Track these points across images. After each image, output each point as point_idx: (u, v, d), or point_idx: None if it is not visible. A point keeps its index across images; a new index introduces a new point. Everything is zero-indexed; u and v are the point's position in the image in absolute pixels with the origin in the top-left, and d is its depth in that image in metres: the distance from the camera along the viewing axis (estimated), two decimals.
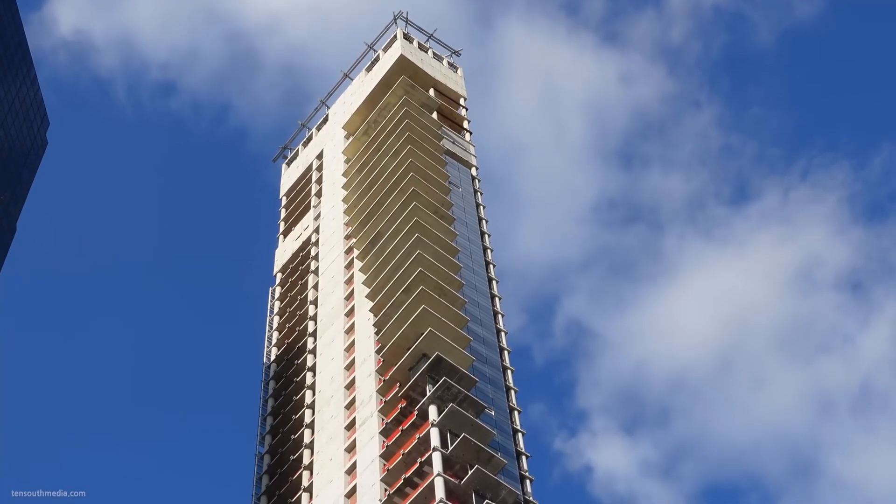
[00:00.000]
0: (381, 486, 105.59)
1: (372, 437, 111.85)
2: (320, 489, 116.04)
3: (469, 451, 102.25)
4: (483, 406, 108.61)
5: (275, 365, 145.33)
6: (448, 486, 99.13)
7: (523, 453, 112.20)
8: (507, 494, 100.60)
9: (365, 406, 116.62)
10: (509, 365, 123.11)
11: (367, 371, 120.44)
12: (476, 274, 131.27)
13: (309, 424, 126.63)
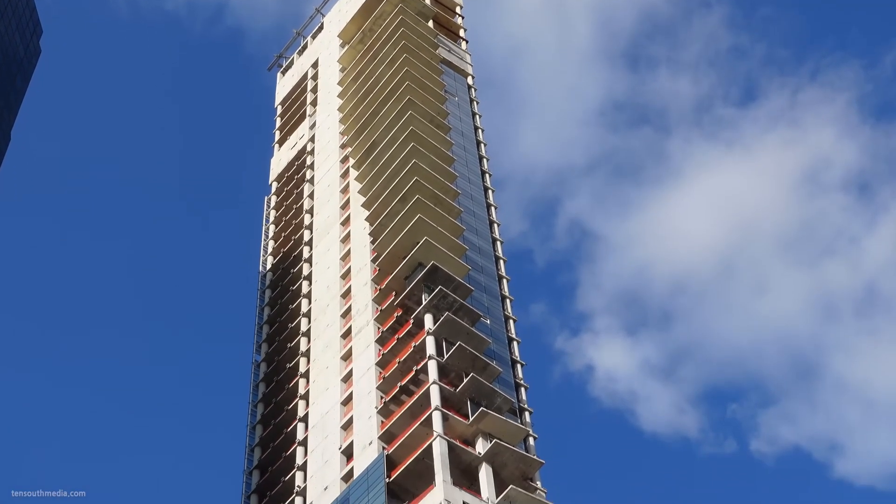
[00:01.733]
0: (376, 394, 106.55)
1: (368, 346, 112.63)
2: (316, 396, 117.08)
3: (464, 359, 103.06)
4: (478, 315, 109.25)
5: (271, 274, 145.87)
6: (443, 394, 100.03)
7: (518, 361, 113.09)
8: (503, 402, 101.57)
9: (361, 315, 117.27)
10: (505, 274, 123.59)
11: (362, 280, 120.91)
12: (472, 183, 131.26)
13: (305, 332, 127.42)
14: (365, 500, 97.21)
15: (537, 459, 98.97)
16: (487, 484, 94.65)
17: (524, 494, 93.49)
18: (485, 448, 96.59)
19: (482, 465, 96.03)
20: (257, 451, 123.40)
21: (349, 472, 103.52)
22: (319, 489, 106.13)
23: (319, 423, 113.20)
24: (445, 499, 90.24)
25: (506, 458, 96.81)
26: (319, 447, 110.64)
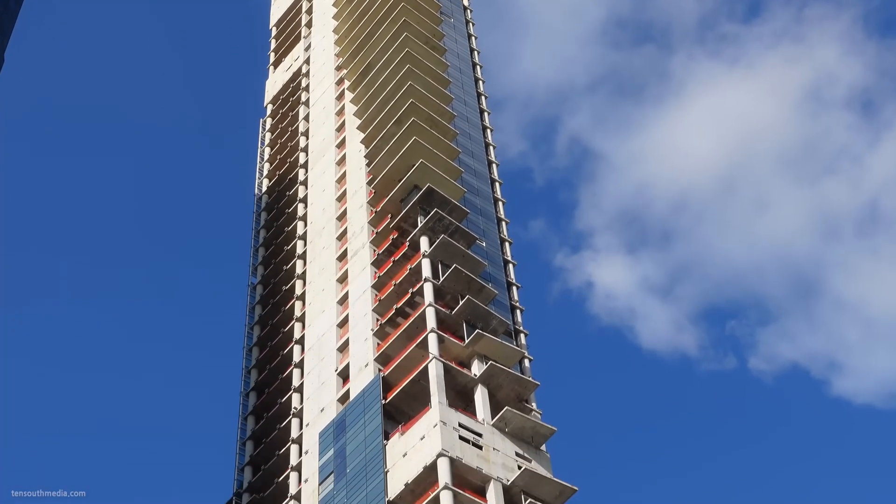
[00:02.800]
0: (372, 316, 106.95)
1: (364, 268, 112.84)
2: (312, 319, 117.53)
3: (460, 281, 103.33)
4: (474, 237, 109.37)
5: (266, 196, 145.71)
6: (439, 317, 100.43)
7: (514, 284, 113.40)
8: (498, 324, 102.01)
9: (356, 237, 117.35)
10: (501, 196, 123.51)
11: (358, 202, 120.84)
12: (468, 105, 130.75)
13: (301, 255, 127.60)
14: (361, 422, 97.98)
15: (532, 381, 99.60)
16: (483, 405, 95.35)
17: (519, 416, 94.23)
18: (480, 370, 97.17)
19: (477, 387, 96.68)
20: (254, 373, 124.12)
21: (345, 393, 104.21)
22: (316, 410, 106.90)
23: (316, 346, 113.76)
24: (441, 420, 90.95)
25: (501, 379, 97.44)
26: (316, 369, 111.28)
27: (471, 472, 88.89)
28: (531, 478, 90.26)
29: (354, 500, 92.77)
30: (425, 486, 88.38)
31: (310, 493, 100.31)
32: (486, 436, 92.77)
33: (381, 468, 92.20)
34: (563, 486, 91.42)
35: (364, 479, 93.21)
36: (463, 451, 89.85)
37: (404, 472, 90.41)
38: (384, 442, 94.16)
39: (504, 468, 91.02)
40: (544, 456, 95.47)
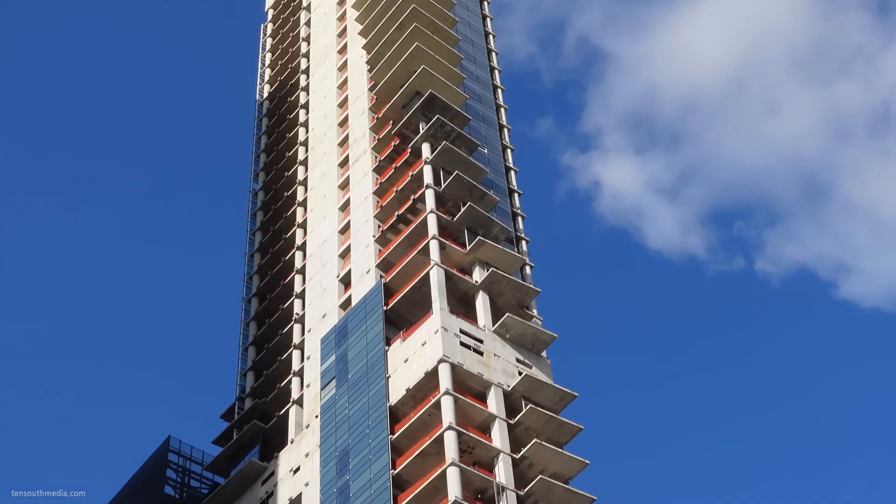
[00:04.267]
0: (374, 223, 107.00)
1: (365, 175, 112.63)
2: (314, 225, 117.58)
3: (461, 188, 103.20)
4: (476, 144, 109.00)
5: (267, 102, 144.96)
6: (441, 223, 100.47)
7: (516, 191, 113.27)
8: (500, 231, 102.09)
9: (358, 143, 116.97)
10: (503, 103, 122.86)
11: (360, 109, 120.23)
12: (470, 11, 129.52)
13: (302, 161, 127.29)
14: (363, 328, 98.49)
15: (533, 288, 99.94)
16: (484, 312, 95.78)
17: (520, 322, 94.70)
18: (481, 276, 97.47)
19: (479, 294, 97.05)
20: (255, 279, 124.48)
21: (347, 300, 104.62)
22: (318, 317, 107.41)
23: (317, 252, 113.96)
24: (442, 326, 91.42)
25: (502, 286, 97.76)
26: (317, 275, 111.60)
27: (471, 377, 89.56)
28: (531, 384, 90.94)
29: (356, 406, 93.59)
30: (426, 392, 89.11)
31: (311, 398, 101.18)
32: (486, 342, 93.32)
33: (383, 374, 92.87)
34: (563, 391, 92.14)
35: (365, 384, 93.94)
36: (464, 356, 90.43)
37: (405, 378, 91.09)
38: (385, 348, 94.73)
39: (505, 374, 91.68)
40: (545, 362, 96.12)
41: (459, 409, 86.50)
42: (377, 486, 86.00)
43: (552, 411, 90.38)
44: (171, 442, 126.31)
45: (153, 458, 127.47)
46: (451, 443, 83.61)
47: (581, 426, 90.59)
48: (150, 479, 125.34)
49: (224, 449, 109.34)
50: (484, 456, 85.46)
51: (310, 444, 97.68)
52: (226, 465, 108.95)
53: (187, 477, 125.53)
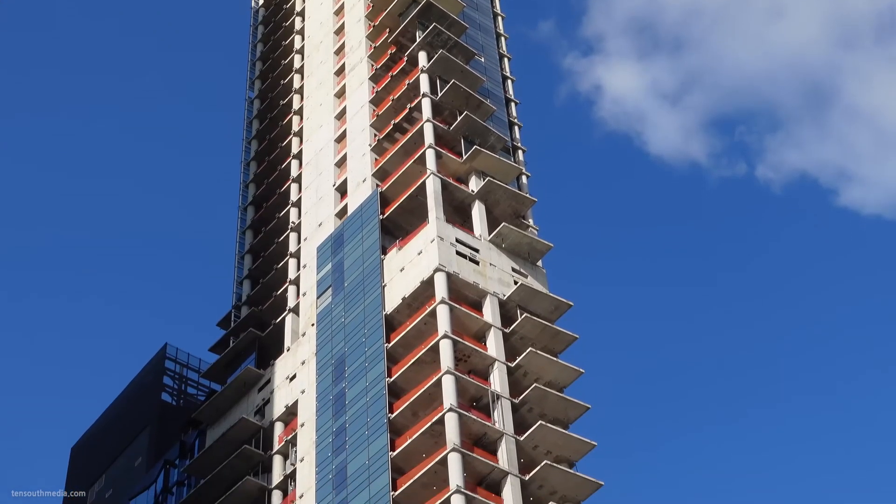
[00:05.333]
0: (370, 132, 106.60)
1: (361, 83, 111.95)
2: (310, 134, 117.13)
3: (458, 97, 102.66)
4: (473, 52, 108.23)
5: (263, 10, 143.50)
6: (437, 132, 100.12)
7: (513, 100, 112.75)
8: (496, 140, 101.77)
9: (354, 52, 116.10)
10: (500, 11, 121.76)
11: (356, 16, 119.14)
12: None
13: (298, 69, 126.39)
14: (359, 237, 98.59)
15: (529, 197, 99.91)
16: (480, 221, 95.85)
17: (516, 231, 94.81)
18: (478, 186, 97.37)
19: (475, 203, 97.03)
20: (252, 188, 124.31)
21: (343, 208, 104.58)
22: (314, 225, 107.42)
23: (313, 160, 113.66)
24: (438, 235, 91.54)
25: (498, 195, 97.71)
26: (314, 184, 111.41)
27: (467, 286, 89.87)
28: (527, 293, 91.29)
29: (352, 314, 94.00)
30: (422, 301, 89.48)
31: (308, 306, 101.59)
32: (482, 251, 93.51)
33: (379, 282, 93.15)
34: (558, 301, 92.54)
35: (362, 293, 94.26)
36: (460, 266, 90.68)
37: (401, 287, 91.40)
38: (381, 257, 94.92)
39: (500, 283, 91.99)
40: (540, 271, 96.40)
41: (455, 318, 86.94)
42: (373, 393, 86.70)
43: (547, 320, 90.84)
44: (168, 349, 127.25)
45: (150, 366, 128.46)
46: (446, 351, 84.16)
47: (576, 335, 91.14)
48: (147, 387, 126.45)
49: (221, 356, 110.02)
50: (479, 364, 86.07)
51: (306, 352, 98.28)
52: (222, 372, 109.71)
53: (184, 384, 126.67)
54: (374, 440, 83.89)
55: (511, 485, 79.45)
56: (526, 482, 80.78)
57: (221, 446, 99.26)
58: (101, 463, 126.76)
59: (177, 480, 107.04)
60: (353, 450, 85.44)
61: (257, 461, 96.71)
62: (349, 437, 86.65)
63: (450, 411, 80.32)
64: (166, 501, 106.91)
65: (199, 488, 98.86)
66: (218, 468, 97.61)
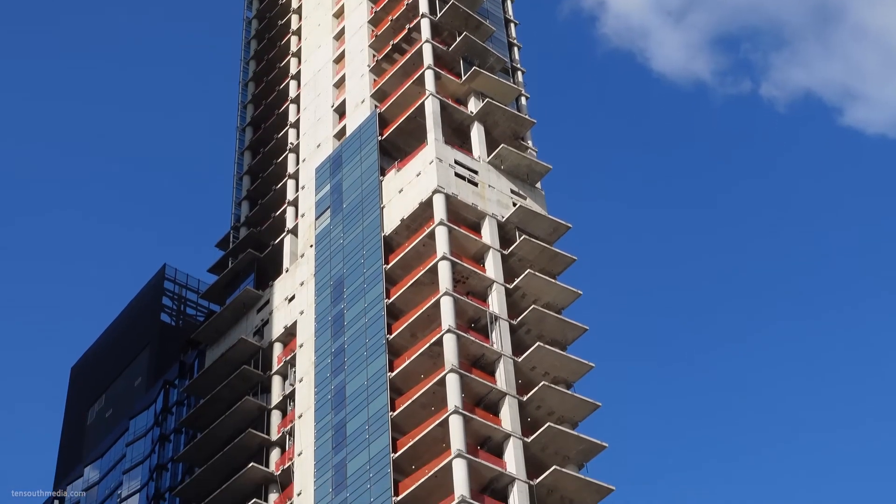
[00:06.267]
0: (369, 52, 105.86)
1: (360, 3, 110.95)
2: (308, 54, 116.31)
3: (457, 17, 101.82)
4: None
5: None
6: (436, 53, 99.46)
7: (512, 20, 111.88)
8: (496, 61, 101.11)
9: None
10: None
11: None
12: None
13: None
14: (357, 158, 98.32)
15: (528, 118, 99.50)
16: (479, 143, 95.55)
17: (515, 153, 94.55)
18: (476, 107, 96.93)
19: (474, 124, 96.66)
20: (250, 109, 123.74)
21: (342, 129, 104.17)
22: (312, 146, 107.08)
23: (312, 81, 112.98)
24: (437, 157, 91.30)
25: (497, 116, 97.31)
26: (312, 105, 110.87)
27: (466, 208, 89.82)
28: (525, 214, 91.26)
29: (350, 235, 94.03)
30: (421, 222, 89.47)
31: (306, 227, 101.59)
32: (481, 173, 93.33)
33: (377, 204, 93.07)
34: (557, 222, 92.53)
35: (360, 214, 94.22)
36: (458, 187, 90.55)
37: (400, 208, 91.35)
38: (380, 178, 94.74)
39: (499, 205, 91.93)
40: (539, 193, 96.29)
41: (454, 240, 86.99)
42: (371, 314, 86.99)
43: (546, 242, 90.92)
44: (167, 270, 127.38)
45: (149, 286, 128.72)
46: (445, 272, 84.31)
47: (574, 257, 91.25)
48: (146, 307, 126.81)
49: (219, 277, 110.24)
50: (478, 286, 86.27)
51: (304, 273, 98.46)
52: (221, 293, 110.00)
53: (183, 304, 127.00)
54: (373, 361, 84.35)
55: (509, 405, 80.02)
56: (524, 403, 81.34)
57: (221, 366, 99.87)
58: (100, 383, 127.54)
59: (176, 400, 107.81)
60: (352, 370, 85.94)
61: (256, 381, 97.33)
62: (348, 357, 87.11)
63: (448, 332, 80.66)
64: (166, 421, 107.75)
65: (199, 408, 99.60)
66: (217, 388, 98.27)
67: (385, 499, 76.90)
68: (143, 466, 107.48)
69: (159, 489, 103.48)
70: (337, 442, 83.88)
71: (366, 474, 79.48)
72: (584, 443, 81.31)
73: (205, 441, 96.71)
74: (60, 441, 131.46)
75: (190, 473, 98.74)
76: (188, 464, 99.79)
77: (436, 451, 77.45)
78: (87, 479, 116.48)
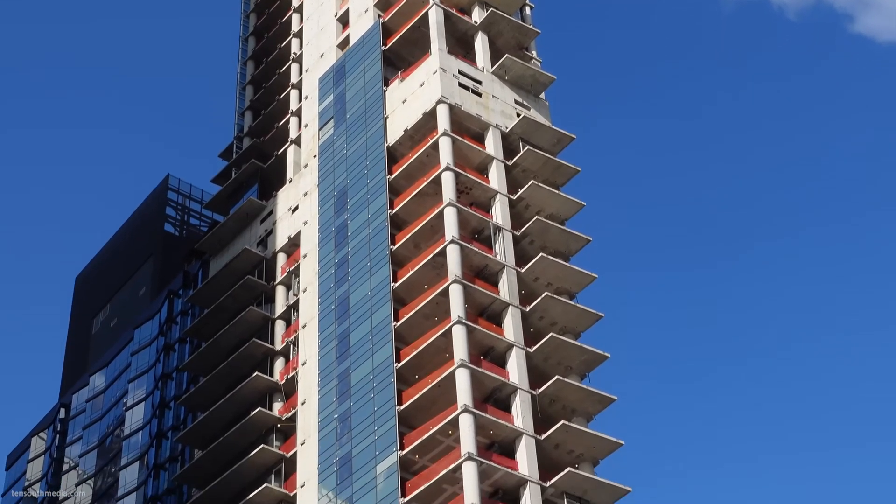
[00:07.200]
0: None
1: None
2: None
3: None
4: None
5: None
6: None
7: None
8: None
9: None
10: None
11: None
12: None
13: None
14: (361, 68, 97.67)
15: (533, 28, 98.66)
16: (483, 53, 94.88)
17: (519, 63, 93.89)
18: (481, 17, 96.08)
19: (478, 34, 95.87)
20: (253, 17, 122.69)
21: (345, 39, 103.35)
22: (315, 56, 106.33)
23: None
24: (441, 67, 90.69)
25: (501, 26, 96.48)
26: (315, 14, 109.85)
27: (469, 118, 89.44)
28: (529, 125, 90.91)
29: (354, 146, 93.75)
30: (424, 133, 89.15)
31: (310, 137, 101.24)
32: (485, 83, 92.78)
33: (381, 114, 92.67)
34: (561, 133, 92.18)
35: (363, 124, 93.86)
36: (462, 97, 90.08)
37: (403, 119, 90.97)
38: (384, 88, 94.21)
39: (503, 115, 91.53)
40: (543, 104, 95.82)
41: (457, 150, 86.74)
42: (375, 225, 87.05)
43: (550, 153, 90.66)
44: (171, 180, 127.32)
45: (153, 196, 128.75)
46: (448, 183, 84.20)
47: (578, 168, 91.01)
48: (150, 217, 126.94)
49: (223, 187, 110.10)
50: (481, 196, 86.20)
51: (308, 184, 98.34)
52: (225, 203, 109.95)
53: (187, 215, 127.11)
54: (377, 271, 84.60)
55: (512, 316, 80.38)
56: (526, 313, 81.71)
57: (224, 277, 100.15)
58: (105, 293, 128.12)
59: (180, 310, 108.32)
60: (356, 281, 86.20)
61: (260, 291, 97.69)
62: (351, 268, 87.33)
63: (451, 243, 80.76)
64: (170, 330, 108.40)
65: (203, 318, 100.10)
66: (221, 298, 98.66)
67: (388, 408, 77.60)
68: (148, 375, 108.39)
69: (164, 398, 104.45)
70: (341, 352, 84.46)
71: (369, 384, 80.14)
72: (587, 353, 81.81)
73: (209, 351, 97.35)
74: (66, 350, 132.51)
75: (195, 383, 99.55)
76: (193, 373, 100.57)
77: (439, 361, 78.01)
78: (92, 387, 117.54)
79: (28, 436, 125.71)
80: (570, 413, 79.68)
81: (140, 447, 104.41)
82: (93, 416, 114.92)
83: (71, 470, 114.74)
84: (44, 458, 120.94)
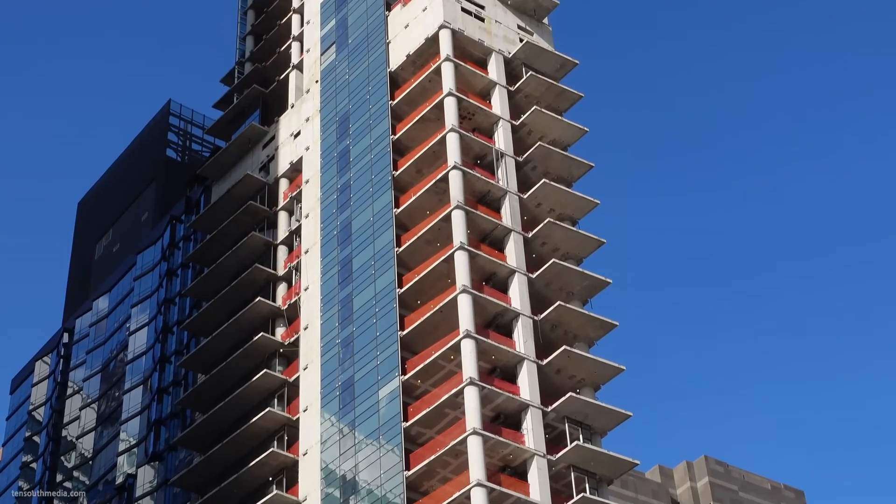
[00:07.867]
0: None
1: None
2: None
3: None
4: None
5: None
6: None
7: None
8: None
9: None
10: None
11: None
12: None
13: None
14: None
15: None
16: None
17: None
18: None
19: None
20: None
21: None
22: None
23: None
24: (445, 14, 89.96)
25: None
26: None
27: (472, 44, 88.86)
28: (532, 50, 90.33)
29: (356, 71, 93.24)
30: (426, 58, 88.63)
31: (312, 62, 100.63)
32: (488, 8, 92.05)
33: (383, 39, 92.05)
34: (563, 59, 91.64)
35: (366, 49, 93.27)
36: (465, 23, 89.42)
37: (406, 44, 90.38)
38: (386, 13, 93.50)
39: (506, 41, 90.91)
40: (546, 29, 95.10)
41: (460, 76, 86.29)
42: (377, 150, 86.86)
43: (552, 78, 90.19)
44: (172, 106, 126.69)
45: (154, 122, 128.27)
46: (450, 109, 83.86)
47: (581, 93, 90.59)
48: (152, 143, 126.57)
49: (225, 113, 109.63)
50: (484, 122, 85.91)
51: (310, 109, 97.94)
52: (227, 128, 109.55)
53: (188, 140, 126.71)
54: (379, 197, 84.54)
55: (514, 242, 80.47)
56: (529, 239, 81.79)
57: (227, 202, 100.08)
58: (107, 218, 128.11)
59: (183, 235, 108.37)
60: (358, 206, 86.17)
61: (262, 217, 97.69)
62: (353, 193, 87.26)
63: (454, 169, 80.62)
64: (173, 256, 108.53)
65: (206, 243, 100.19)
66: (224, 224, 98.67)
67: (391, 333, 77.96)
68: (151, 300, 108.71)
69: (167, 323, 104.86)
70: (343, 277, 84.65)
71: (371, 309, 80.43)
72: (588, 279, 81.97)
73: (212, 276, 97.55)
74: (69, 275, 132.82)
75: (197, 308, 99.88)
76: (196, 298, 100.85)
77: (441, 286, 78.23)
78: (95, 312, 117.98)
79: (32, 360, 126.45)
80: (572, 338, 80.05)
81: (143, 371, 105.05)
82: (96, 341, 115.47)
83: (75, 394, 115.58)
84: (48, 382, 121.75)
